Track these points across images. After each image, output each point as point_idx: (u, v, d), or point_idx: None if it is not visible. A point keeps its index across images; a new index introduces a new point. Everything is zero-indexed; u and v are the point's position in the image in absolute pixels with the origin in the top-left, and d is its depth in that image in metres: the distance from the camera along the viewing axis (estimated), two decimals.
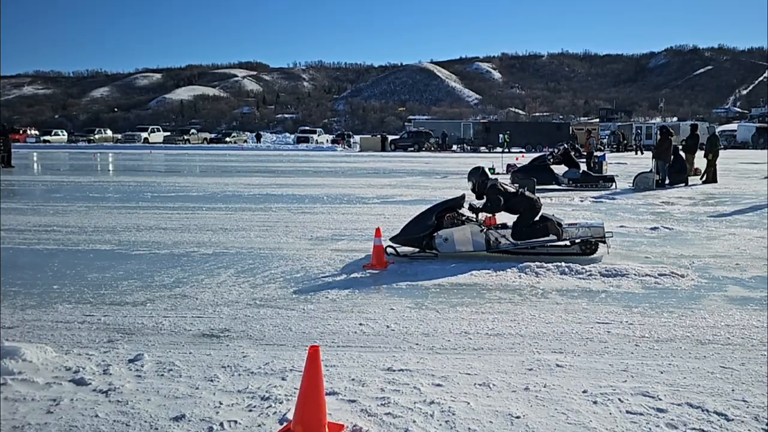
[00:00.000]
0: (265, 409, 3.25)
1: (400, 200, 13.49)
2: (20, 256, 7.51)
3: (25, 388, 3.49)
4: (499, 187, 7.40)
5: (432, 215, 7.46)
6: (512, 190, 7.52)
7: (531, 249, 7.26)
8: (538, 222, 7.29)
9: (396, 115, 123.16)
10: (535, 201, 7.44)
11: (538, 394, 3.41)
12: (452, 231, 7.31)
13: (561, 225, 7.27)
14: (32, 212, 11.43)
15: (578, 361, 3.91)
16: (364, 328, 4.64)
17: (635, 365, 3.84)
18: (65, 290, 5.81)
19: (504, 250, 7.31)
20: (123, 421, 3.11)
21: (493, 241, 7.31)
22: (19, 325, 4.77)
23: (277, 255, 7.35)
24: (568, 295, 5.53)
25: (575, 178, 16.27)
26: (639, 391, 3.44)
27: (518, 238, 7.25)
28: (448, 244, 7.30)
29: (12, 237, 8.76)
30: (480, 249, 7.30)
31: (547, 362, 3.88)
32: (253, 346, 4.26)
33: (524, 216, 7.32)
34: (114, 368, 3.81)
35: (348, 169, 25.23)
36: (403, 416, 3.16)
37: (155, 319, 4.91)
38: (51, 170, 24.73)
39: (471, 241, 7.29)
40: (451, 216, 7.48)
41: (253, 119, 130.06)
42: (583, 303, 5.25)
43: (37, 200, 13.79)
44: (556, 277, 6.16)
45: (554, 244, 7.24)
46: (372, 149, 46.25)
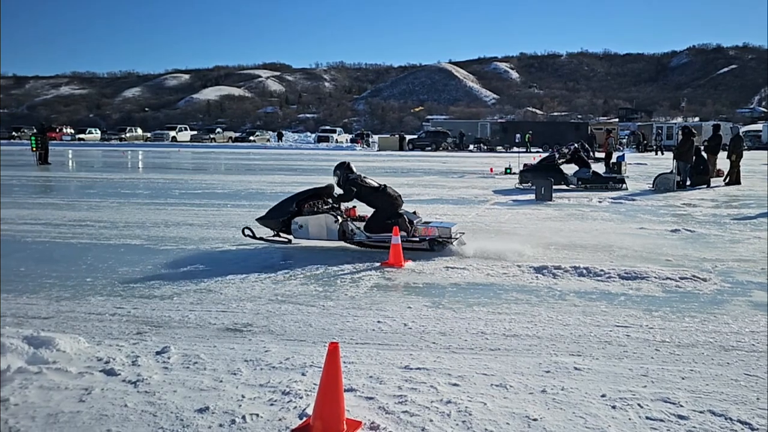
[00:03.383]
0: (286, 403, 3.26)
1: (417, 199, 13.45)
2: (56, 249, 7.64)
3: (58, 377, 3.55)
4: (359, 181, 7.59)
5: (293, 202, 7.66)
6: (375, 185, 7.66)
7: (383, 243, 7.32)
8: (391, 218, 7.40)
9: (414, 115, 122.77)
10: (395, 198, 7.59)
11: (556, 396, 3.36)
12: (308, 219, 7.52)
13: (413, 223, 7.45)
14: (68, 207, 11.63)
15: (597, 364, 3.85)
16: (381, 326, 4.64)
17: (655, 370, 3.76)
18: (98, 283, 5.90)
19: (358, 241, 7.50)
20: (150, 411, 3.15)
21: (348, 232, 7.50)
22: (54, 315, 4.86)
23: (297, 252, 7.38)
24: (587, 297, 5.45)
25: (585, 178, 16.02)
26: (659, 397, 3.36)
27: (370, 231, 7.44)
28: (302, 230, 7.54)
29: (48, 231, 8.93)
30: (333, 238, 7.49)
31: (564, 365, 3.83)
32: (274, 341, 4.29)
33: (380, 211, 7.51)
34: (142, 359, 3.86)
35: (367, 168, 25.17)
36: (420, 415, 3.15)
37: (182, 312, 4.96)
38: (85, 167, 25.13)
39: (325, 230, 7.49)
40: (311, 204, 7.65)
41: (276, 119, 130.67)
42: (601, 306, 5.17)
43: (72, 196, 14.04)
44: (574, 278, 6.08)
45: (407, 240, 7.29)
46: (390, 148, 46.20)
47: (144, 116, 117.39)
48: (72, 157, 31.78)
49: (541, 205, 12.42)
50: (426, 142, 47.21)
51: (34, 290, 5.62)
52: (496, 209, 11.83)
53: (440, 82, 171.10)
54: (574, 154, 17.13)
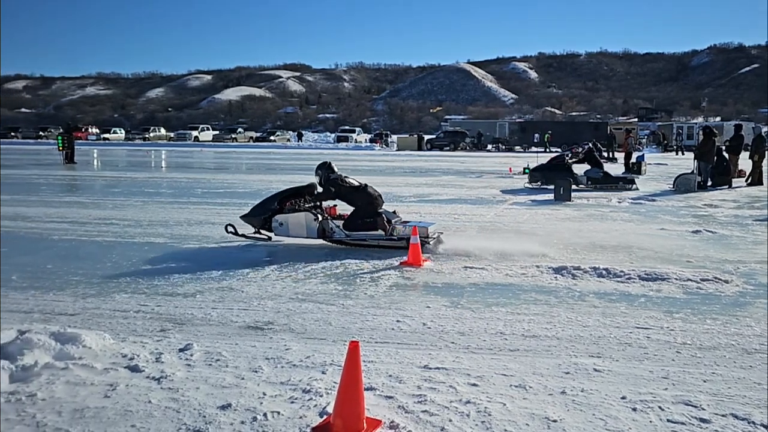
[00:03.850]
0: (307, 401, 3.27)
1: (436, 199, 13.44)
2: (82, 247, 7.75)
3: (84, 373, 3.60)
4: (339, 181, 7.67)
5: (275, 200, 7.79)
6: (356, 184, 7.75)
7: (363, 241, 7.46)
8: (370, 217, 7.49)
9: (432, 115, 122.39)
10: (375, 198, 7.64)
11: (576, 398, 3.33)
12: (288, 216, 7.63)
13: (390, 222, 7.52)
14: (93, 206, 11.79)
15: (617, 366, 3.80)
16: (401, 325, 4.63)
17: (677, 372, 3.70)
18: (122, 280, 5.97)
19: (337, 240, 7.58)
20: (174, 407, 3.18)
21: (328, 230, 7.60)
22: (80, 312, 4.92)
23: (317, 251, 7.39)
24: (606, 298, 5.38)
25: (595, 177, 15.85)
26: (680, 400, 3.31)
27: (348, 229, 7.55)
28: (283, 228, 7.66)
29: (75, 229, 9.06)
30: (312, 236, 7.57)
31: (584, 366, 3.79)
32: (295, 339, 4.30)
33: (359, 210, 7.58)
34: (166, 356, 3.89)
35: (385, 167, 25.24)
36: (440, 414, 3.13)
37: (204, 310, 5.00)
38: (110, 166, 25.46)
39: (305, 227, 7.59)
40: (293, 203, 7.76)
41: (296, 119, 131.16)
42: (621, 307, 5.11)
43: (98, 195, 14.24)
44: (593, 279, 6.02)
45: (386, 238, 7.40)
46: (409, 148, 46.15)
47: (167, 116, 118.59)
48: (97, 157, 32.24)
49: (560, 205, 12.32)
50: (444, 142, 47.11)
51: (61, 287, 5.71)
52: (515, 209, 11.76)
53: (459, 82, 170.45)
54: (588, 153, 16.96)
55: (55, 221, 9.80)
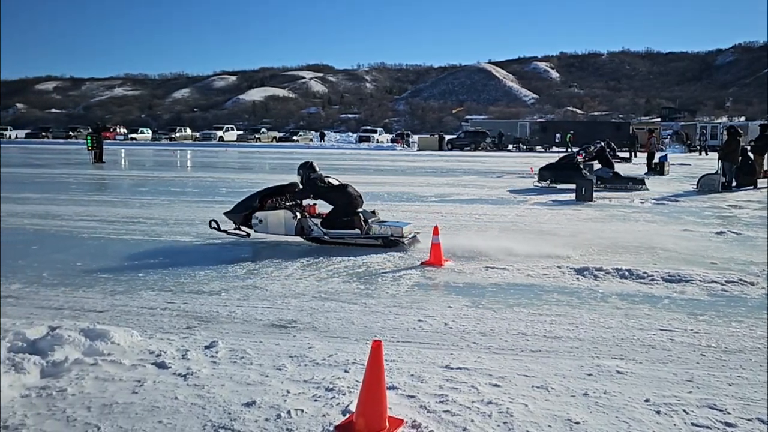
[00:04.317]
0: (330, 399, 3.28)
1: (457, 199, 13.38)
2: (110, 245, 7.87)
3: (113, 369, 3.65)
4: (318, 182, 7.80)
5: (257, 198, 7.91)
6: (336, 184, 7.87)
7: (341, 239, 7.57)
8: (347, 216, 7.57)
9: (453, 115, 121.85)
10: (354, 198, 7.72)
11: (598, 400, 3.29)
12: (267, 214, 7.74)
13: (367, 221, 7.58)
14: (121, 204, 11.97)
15: (640, 368, 3.74)
16: (422, 325, 4.62)
17: (701, 376, 3.63)
18: (149, 278, 6.05)
19: (315, 237, 7.67)
20: (199, 404, 3.20)
21: (306, 228, 7.67)
22: (109, 309, 5.00)
23: (340, 250, 7.41)
24: (629, 300, 5.31)
25: (605, 177, 15.64)
26: (705, 403, 3.25)
27: (327, 227, 7.64)
28: (262, 225, 7.78)
29: (104, 227, 9.20)
30: (291, 233, 7.67)
31: (607, 368, 3.74)
32: (318, 338, 4.31)
33: (338, 209, 7.68)
34: (192, 353, 3.92)
35: (407, 167, 25.21)
36: (462, 415, 3.12)
37: (229, 308, 5.04)
38: (137, 166, 25.82)
39: (283, 225, 7.69)
40: (273, 201, 7.89)
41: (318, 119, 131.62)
42: (644, 309, 5.03)
43: (125, 194, 14.44)
44: (616, 281, 5.94)
45: (362, 237, 7.49)
46: (430, 148, 46.01)
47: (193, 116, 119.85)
48: (125, 156, 32.71)
49: (582, 205, 12.18)
50: (465, 142, 46.85)
51: (90, 284, 5.80)
52: (536, 209, 11.66)
53: (480, 82, 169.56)
54: (600, 153, 16.75)
55: (84, 219, 9.97)
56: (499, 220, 10.15)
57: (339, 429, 2.96)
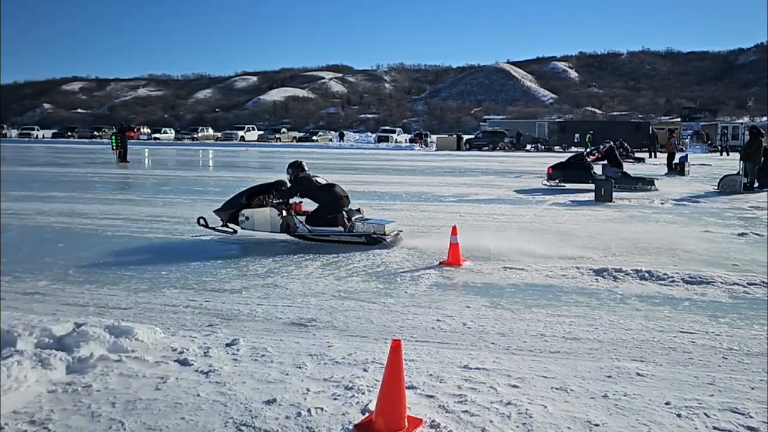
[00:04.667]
0: (349, 398, 3.28)
1: (475, 199, 13.31)
2: (134, 243, 7.96)
3: (137, 366, 3.68)
4: (307, 180, 7.94)
5: (244, 196, 8.06)
6: (323, 183, 7.99)
7: (325, 237, 7.71)
8: (331, 214, 7.72)
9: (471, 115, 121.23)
10: (340, 198, 7.85)
11: (618, 402, 3.24)
12: (254, 211, 7.88)
13: (351, 219, 7.74)
14: (144, 203, 12.10)
15: (660, 371, 3.69)
16: (441, 324, 4.61)
17: (723, 379, 3.57)
18: (172, 276, 6.11)
19: (300, 234, 7.81)
20: (221, 401, 3.22)
21: (292, 225, 7.82)
22: (132, 306, 5.06)
23: (359, 249, 7.41)
24: (649, 301, 5.23)
25: (614, 177, 15.45)
26: (727, 407, 3.19)
27: (310, 224, 7.77)
28: (248, 222, 7.91)
29: (127, 226, 9.32)
30: (276, 230, 7.82)
31: (627, 370, 3.69)
32: (337, 337, 4.32)
33: (323, 207, 7.81)
34: (213, 351, 3.95)
35: (425, 167, 25.14)
36: (480, 415, 3.10)
37: (250, 306, 5.07)
38: (160, 165, 26.10)
39: (269, 222, 7.82)
40: (260, 198, 8.00)
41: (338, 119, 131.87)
42: (665, 311, 4.96)
43: (149, 193, 14.60)
44: (635, 282, 5.86)
45: (345, 234, 7.64)
46: (448, 148, 45.82)
47: (215, 117, 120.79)
48: (148, 156, 33.08)
49: (601, 206, 12.05)
50: (483, 141, 46.62)
51: (114, 282, 5.87)
52: (554, 210, 11.56)
53: (498, 82, 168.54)
54: (608, 152, 16.54)
55: (108, 218, 10.10)
56: (518, 221, 10.08)
57: (358, 428, 2.95)
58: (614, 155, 16.35)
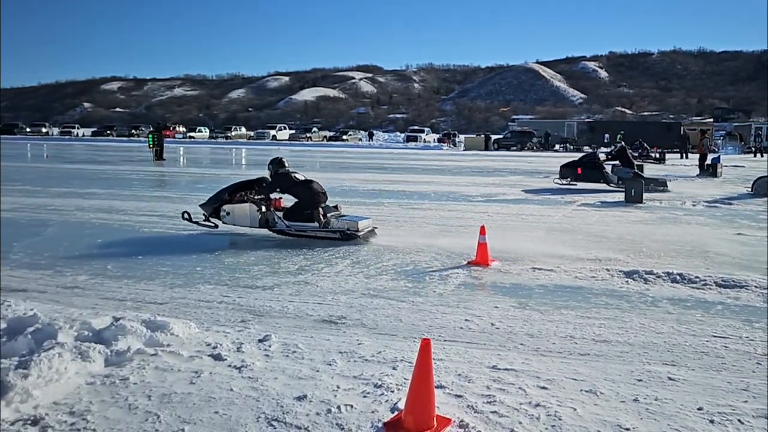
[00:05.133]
0: (378, 396, 3.27)
1: (503, 199, 13.20)
2: (170, 239, 8.10)
3: (172, 360, 3.74)
4: (286, 176, 8.07)
5: (227, 192, 8.25)
6: (301, 179, 8.12)
7: (303, 232, 7.87)
8: (307, 209, 7.86)
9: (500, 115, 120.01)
10: (318, 194, 7.99)
11: (649, 406, 3.17)
12: (234, 207, 8.06)
13: (326, 216, 7.88)
14: (180, 201, 12.27)
15: (692, 375, 3.60)
16: (469, 324, 4.57)
17: (757, 385, 3.46)
18: (206, 272, 6.19)
19: (279, 230, 7.98)
20: (254, 396, 3.25)
21: (271, 220, 8.01)
22: (168, 301, 5.14)
23: (388, 248, 7.40)
24: (681, 304, 5.11)
25: (626, 177, 15.13)
26: (762, 414, 3.09)
27: (288, 219, 7.94)
28: (229, 217, 8.10)
29: (163, 222, 9.47)
30: (255, 225, 8.02)
31: (658, 374, 3.61)
32: (367, 334, 4.32)
33: (301, 202, 7.97)
34: (246, 347, 3.98)
35: (453, 167, 25.01)
36: (509, 416, 3.06)
37: (282, 303, 5.10)
38: (195, 163, 26.49)
39: (249, 217, 8.01)
40: (242, 194, 8.16)
41: (367, 119, 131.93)
42: (697, 314, 4.84)
43: (184, 190, 14.83)
44: (666, 285, 5.73)
45: (321, 230, 7.80)
46: (476, 148, 45.51)
47: (247, 116, 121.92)
48: (183, 154, 33.60)
49: (631, 207, 11.83)
50: (511, 141, 46.22)
51: (151, 277, 5.98)
52: (584, 210, 11.38)
53: (527, 82, 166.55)
54: (620, 152, 16.22)
55: (145, 214, 10.29)
56: (546, 221, 9.96)
57: (388, 426, 2.95)
58: (626, 155, 16.04)
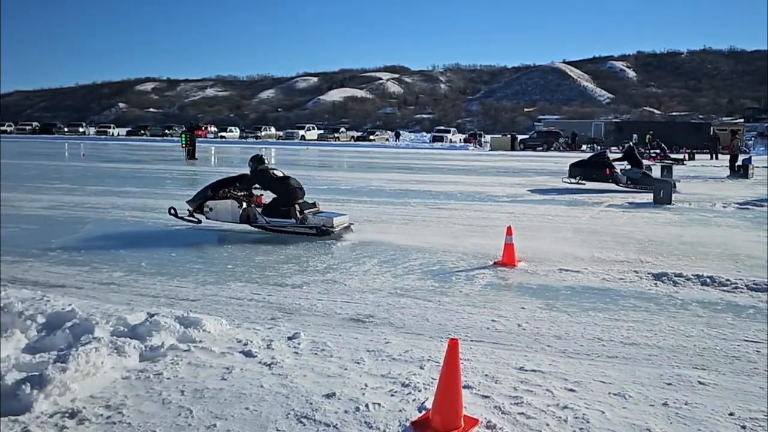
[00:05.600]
0: (406, 395, 3.26)
1: (529, 199, 13.06)
2: (201, 237, 8.20)
3: (204, 356, 3.78)
4: (262, 174, 8.29)
5: (210, 188, 8.45)
6: (279, 176, 8.33)
7: (281, 228, 8.03)
8: (285, 206, 8.03)
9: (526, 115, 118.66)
10: (294, 189, 8.19)
11: (679, 411, 3.11)
12: (217, 203, 8.29)
13: (303, 212, 8.02)
14: None
15: (723, 380, 3.51)
16: (496, 325, 4.54)
17: None
18: (237, 270, 6.26)
19: (260, 225, 8.14)
20: (283, 393, 3.27)
21: (252, 216, 8.15)
22: (200, 298, 5.21)
23: (415, 247, 7.38)
24: (711, 308, 5.00)
25: (634, 177, 14.80)
26: None
27: (266, 215, 8.13)
28: (212, 213, 8.32)
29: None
30: (236, 221, 8.20)
31: (688, 378, 3.53)
32: (394, 333, 4.32)
33: (279, 198, 8.18)
34: (276, 344, 4.01)
35: (479, 167, 24.84)
36: (537, 418, 3.03)
37: (310, 301, 5.13)
38: (226, 162, 26.80)
39: (230, 213, 8.21)
40: (224, 191, 8.35)
41: (394, 119, 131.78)
42: (728, 318, 4.72)
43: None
44: (696, 287, 5.61)
45: (298, 226, 7.96)
46: (502, 148, 45.13)
47: (277, 116, 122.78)
48: (215, 153, 34.05)
49: (660, 208, 11.59)
50: (537, 142, 45.69)
51: (184, 274, 6.06)
52: (611, 212, 11.20)
53: (553, 82, 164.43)
54: (628, 152, 15.89)
55: None
56: (573, 222, 9.82)
57: (415, 425, 2.94)
58: (634, 155, 15.74)
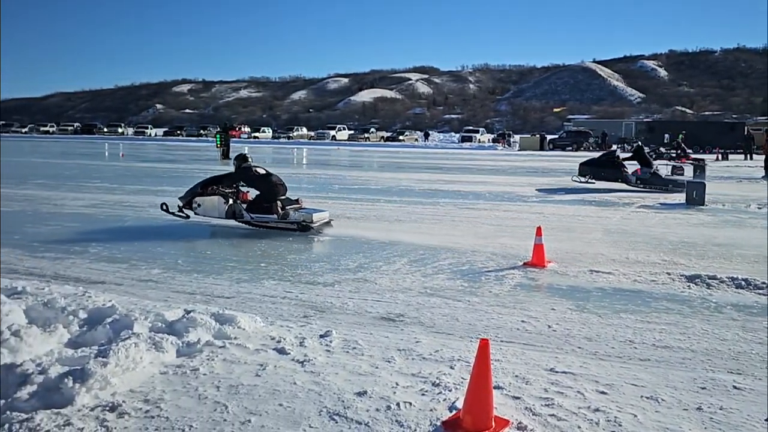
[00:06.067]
0: (436, 395, 3.25)
1: (558, 200, 12.87)
2: (236, 236, 8.30)
3: (239, 352, 3.83)
4: (245, 171, 8.54)
5: (199, 185, 8.65)
6: (262, 173, 8.61)
7: (265, 223, 8.28)
8: (268, 202, 8.28)
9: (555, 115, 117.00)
10: (276, 185, 8.47)
11: (714, 416, 3.03)
12: (204, 199, 8.51)
13: (284, 208, 8.26)
14: None
15: (760, 385, 3.41)
16: (526, 326, 4.49)
17: None
18: (270, 268, 6.32)
19: (246, 221, 8.39)
20: (316, 390, 3.29)
21: (237, 212, 8.40)
22: (235, 296, 5.28)
23: (444, 247, 7.35)
24: (746, 311, 4.86)
25: (644, 178, 14.40)
26: None
27: (250, 211, 8.36)
28: (200, 209, 8.55)
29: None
30: (223, 217, 8.45)
31: (722, 382, 3.44)
32: (424, 333, 4.30)
33: (261, 195, 8.43)
34: (308, 341, 4.04)
35: (508, 167, 24.61)
36: (568, 420, 2.98)
37: (342, 299, 5.15)
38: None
39: (217, 209, 8.45)
40: (212, 188, 8.54)
41: (423, 119, 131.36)
42: (763, 321, 4.58)
43: None
44: (731, 290, 5.45)
45: (281, 222, 8.20)
46: (530, 148, 44.59)
47: (308, 117, 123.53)
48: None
49: (693, 209, 11.31)
50: (567, 142, 45.03)
51: (219, 272, 6.15)
52: (643, 213, 10.98)
53: (583, 81, 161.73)
54: (637, 152, 15.49)
55: None
56: (604, 223, 9.66)
57: (446, 425, 2.93)
58: (643, 155, 15.36)
